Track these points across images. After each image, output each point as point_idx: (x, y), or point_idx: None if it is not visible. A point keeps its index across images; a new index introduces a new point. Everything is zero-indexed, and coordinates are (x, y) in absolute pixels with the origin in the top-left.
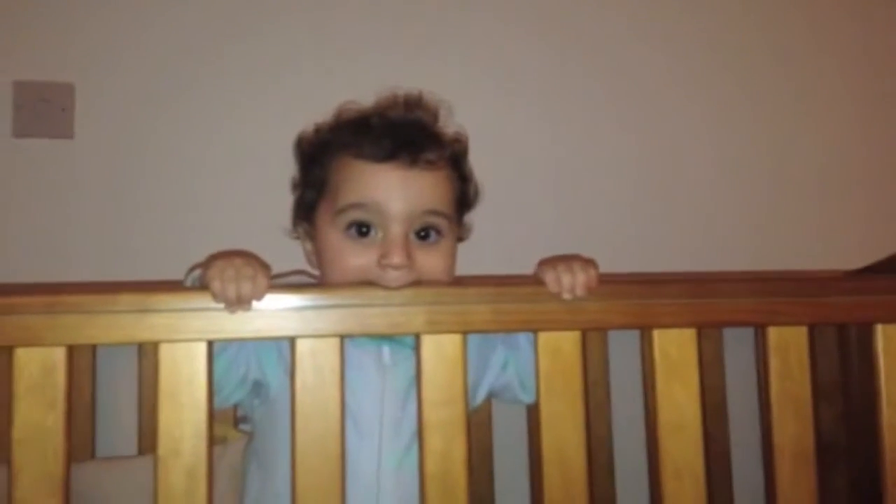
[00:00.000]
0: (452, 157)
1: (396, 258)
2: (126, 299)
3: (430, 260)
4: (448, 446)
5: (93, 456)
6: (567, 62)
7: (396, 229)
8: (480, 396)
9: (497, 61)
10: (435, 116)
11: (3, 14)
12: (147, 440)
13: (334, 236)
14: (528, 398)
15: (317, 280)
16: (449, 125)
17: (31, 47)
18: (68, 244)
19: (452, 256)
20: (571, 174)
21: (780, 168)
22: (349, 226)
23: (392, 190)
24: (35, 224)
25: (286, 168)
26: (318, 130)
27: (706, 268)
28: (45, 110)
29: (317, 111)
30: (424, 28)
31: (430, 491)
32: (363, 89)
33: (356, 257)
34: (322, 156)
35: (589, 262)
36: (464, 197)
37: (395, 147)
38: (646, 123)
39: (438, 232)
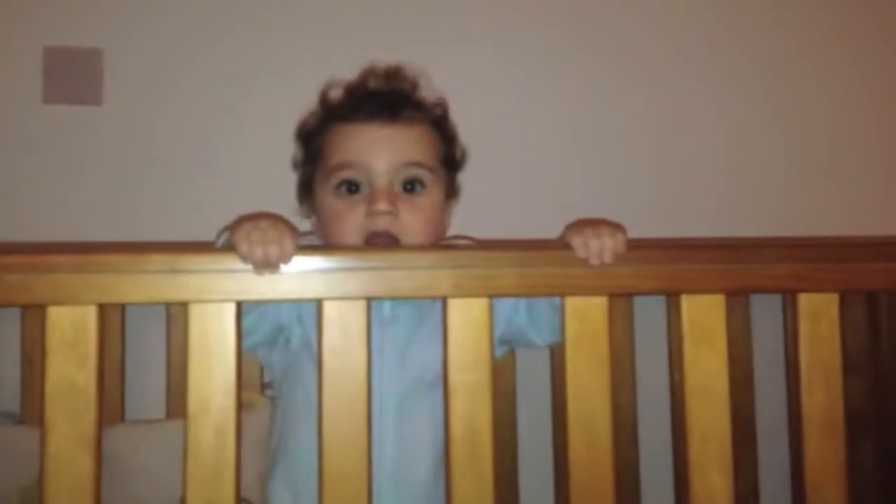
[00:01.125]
0: (433, 119)
1: (381, 205)
2: (156, 259)
3: (413, 211)
4: (474, 409)
5: (122, 419)
6: (594, 26)
7: (381, 181)
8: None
9: (521, 28)
10: (414, 85)
11: None
12: (175, 404)
13: (328, 198)
14: (541, 341)
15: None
16: (429, 94)
17: (60, 13)
18: (97, 207)
19: (438, 208)
20: (599, 138)
21: (812, 130)
22: (339, 185)
23: (375, 146)
24: (64, 187)
25: None
26: (311, 113)
27: (735, 233)
28: (74, 76)
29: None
30: (432, 8)
31: (455, 453)
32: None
33: (347, 213)
34: (314, 131)
35: (617, 227)
36: (450, 157)
37: (376, 107)
38: (674, 86)
39: (422, 184)
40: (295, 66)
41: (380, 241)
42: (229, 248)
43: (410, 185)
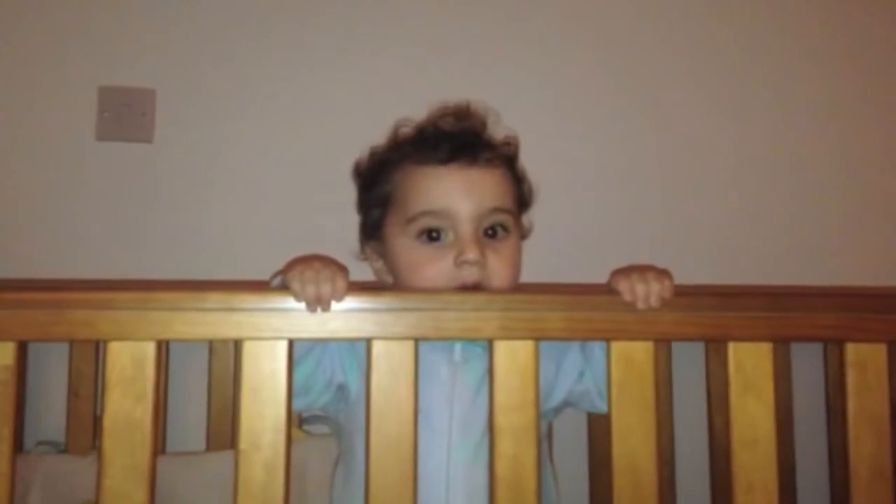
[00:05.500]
0: (507, 158)
1: (471, 254)
2: (212, 297)
3: (499, 257)
4: (519, 451)
5: (163, 451)
6: (636, 75)
7: (467, 229)
8: (556, 400)
9: (554, 73)
10: (484, 123)
11: (92, 22)
12: (216, 436)
13: (408, 245)
14: (607, 407)
15: None
16: (498, 131)
17: (115, 54)
18: (145, 244)
19: (519, 253)
20: (642, 184)
21: (860, 181)
22: (420, 233)
23: (457, 192)
24: (115, 223)
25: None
26: (374, 152)
27: (781, 281)
28: (128, 115)
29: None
30: (474, 44)
31: (499, 494)
32: (420, 102)
33: (432, 262)
34: (383, 172)
35: (663, 273)
36: (521, 196)
37: (454, 149)
38: (724, 132)
39: (505, 229)
40: (349, 107)
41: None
42: (282, 287)
43: (493, 231)
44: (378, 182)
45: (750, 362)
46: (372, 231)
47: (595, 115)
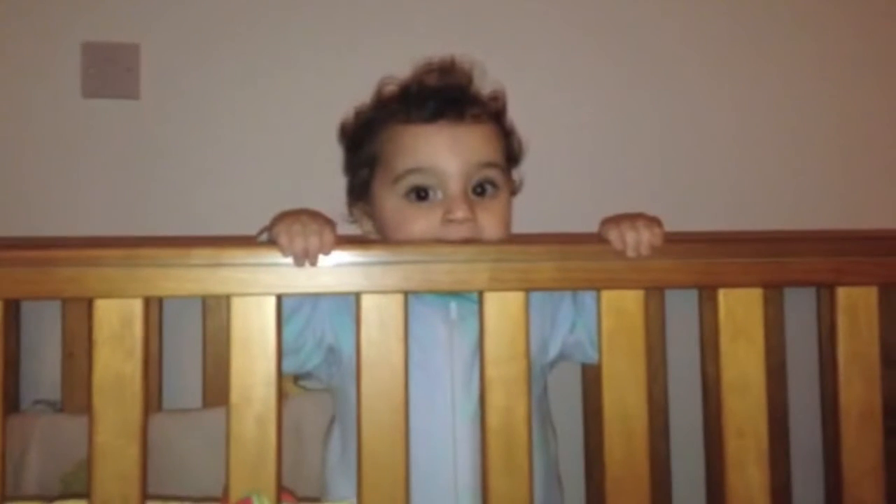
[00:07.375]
0: (494, 113)
1: (460, 212)
2: (199, 253)
3: (489, 214)
4: (511, 402)
5: (160, 408)
6: (626, 21)
7: (455, 186)
8: (553, 352)
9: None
10: (469, 78)
11: None
12: (212, 393)
13: (395, 204)
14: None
15: None
16: (484, 85)
17: (97, 9)
18: (133, 201)
19: (509, 209)
20: (632, 132)
21: (849, 124)
22: (408, 192)
23: (444, 149)
24: (102, 181)
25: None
26: (359, 112)
27: (771, 226)
28: (112, 71)
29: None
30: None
31: (492, 445)
32: (409, 54)
33: (420, 220)
34: (369, 132)
35: (653, 220)
36: (510, 151)
37: (440, 106)
38: (713, 77)
39: (494, 185)
40: (336, 62)
41: None
42: (270, 242)
43: (482, 189)
44: (364, 143)
45: (741, 308)
46: (360, 192)
47: (584, 63)
